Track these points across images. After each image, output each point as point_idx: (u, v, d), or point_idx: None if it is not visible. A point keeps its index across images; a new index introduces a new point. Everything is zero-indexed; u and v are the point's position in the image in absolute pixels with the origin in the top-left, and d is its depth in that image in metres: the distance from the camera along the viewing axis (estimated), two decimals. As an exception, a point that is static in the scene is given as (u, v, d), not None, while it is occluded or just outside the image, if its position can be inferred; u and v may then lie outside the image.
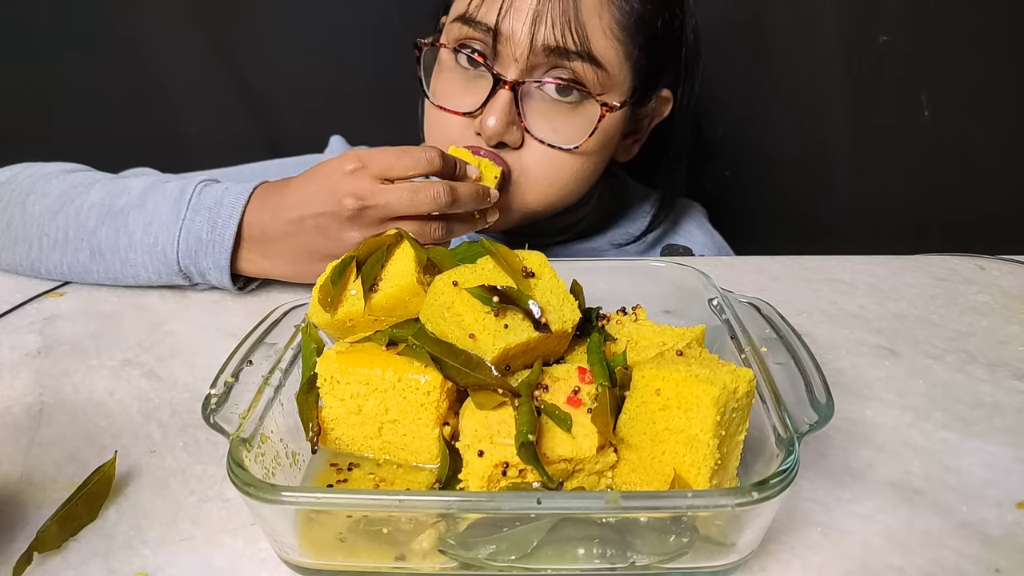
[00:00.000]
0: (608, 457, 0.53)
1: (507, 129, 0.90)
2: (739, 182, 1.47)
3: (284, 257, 0.85)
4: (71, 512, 0.54)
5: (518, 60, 0.89)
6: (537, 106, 0.92)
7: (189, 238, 0.85)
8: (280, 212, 0.83)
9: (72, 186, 0.91)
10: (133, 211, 0.87)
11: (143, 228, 0.86)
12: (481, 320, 0.55)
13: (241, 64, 1.47)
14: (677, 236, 1.17)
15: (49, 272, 0.91)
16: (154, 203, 0.87)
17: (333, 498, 0.46)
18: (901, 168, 1.51)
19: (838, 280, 0.96)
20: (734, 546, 0.48)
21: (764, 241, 1.27)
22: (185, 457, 0.62)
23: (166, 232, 0.85)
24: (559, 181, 0.95)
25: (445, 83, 0.96)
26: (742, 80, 1.45)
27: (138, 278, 0.89)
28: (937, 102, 1.46)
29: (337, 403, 0.57)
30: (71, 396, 0.71)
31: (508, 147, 0.92)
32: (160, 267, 0.87)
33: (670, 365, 0.52)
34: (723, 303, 0.69)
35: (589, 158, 0.96)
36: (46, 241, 0.90)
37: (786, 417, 0.51)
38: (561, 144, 0.92)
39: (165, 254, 0.86)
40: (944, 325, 0.84)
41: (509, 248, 0.61)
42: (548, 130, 0.92)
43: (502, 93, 0.89)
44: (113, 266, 0.88)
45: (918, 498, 0.58)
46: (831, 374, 0.72)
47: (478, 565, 0.47)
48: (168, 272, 0.87)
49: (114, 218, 0.87)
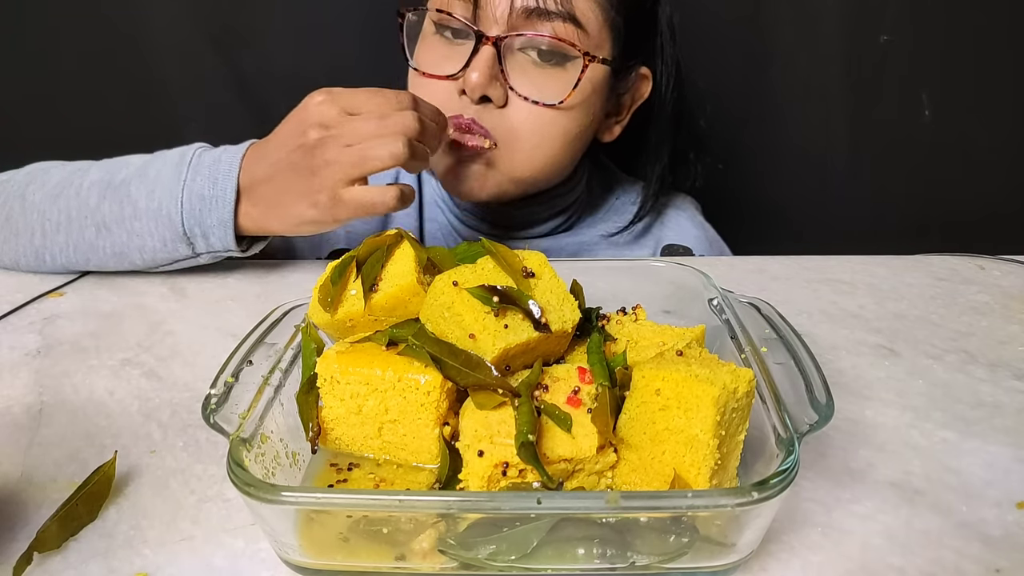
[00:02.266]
0: (608, 457, 0.53)
1: (490, 83, 0.91)
2: (738, 180, 1.47)
3: (269, 201, 0.85)
4: (71, 512, 0.54)
5: (499, 22, 0.91)
6: (520, 65, 0.93)
7: (192, 197, 0.86)
8: (263, 157, 0.85)
9: (71, 171, 0.93)
10: (135, 181, 0.88)
11: (147, 196, 0.87)
12: (481, 320, 0.55)
13: (239, 60, 1.47)
14: (667, 229, 1.17)
15: (55, 258, 0.92)
16: (155, 170, 0.88)
17: (333, 498, 0.46)
18: (901, 167, 1.51)
19: (838, 280, 0.96)
20: (734, 546, 0.48)
21: (764, 240, 1.26)
22: (185, 457, 0.62)
23: (169, 195, 0.86)
24: (546, 141, 0.96)
25: (428, 50, 0.98)
26: (741, 78, 1.45)
27: (144, 248, 0.89)
28: (938, 101, 1.46)
29: (337, 403, 0.57)
30: (71, 396, 0.71)
31: (492, 106, 0.93)
32: (165, 232, 0.87)
33: (670, 365, 0.52)
34: (723, 303, 0.69)
35: (574, 117, 0.97)
36: (48, 226, 0.91)
37: (786, 417, 0.51)
38: (545, 100, 0.93)
39: (170, 217, 0.86)
40: (944, 325, 0.84)
41: (508, 248, 0.61)
42: (531, 87, 0.93)
43: (484, 49, 0.91)
44: (120, 238, 0.89)
45: (918, 498, 0.58)
46: (831, 374, 0.73)
47: (478, 565, 0.47)
48: (173, 237, 0.88)
49: (116, 191, 0.89)
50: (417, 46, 1.00)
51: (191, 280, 0.95)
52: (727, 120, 1.39)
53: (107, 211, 0.88)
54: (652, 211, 1.16)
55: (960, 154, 1.49)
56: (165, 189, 0.87)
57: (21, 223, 0.92)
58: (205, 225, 0.87)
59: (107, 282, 0.94)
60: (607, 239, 1.14)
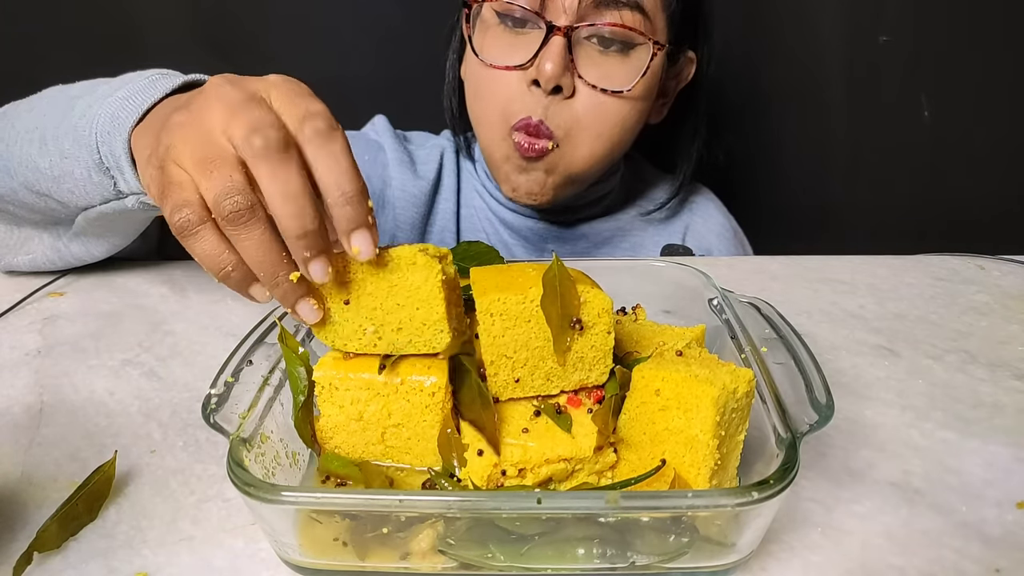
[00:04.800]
0: (608, 457, 0.53)
1: (563, 73, 0.92)
2: (737, 180, 1.47)
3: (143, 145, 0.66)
4: (71, 512, 0.54)
5: (567, 11, 0.91)
6: (588, 54, 0.94)
7: (110, 111, 0.70)
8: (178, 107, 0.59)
9: (36, 97, 0.83)
10: (86, 94, 0.75)
11: (82, 110, 0.73)
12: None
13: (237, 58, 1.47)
14: (695, 215, 1.19)
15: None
16: (108, 86, 0.73)
17: (333, 498, 0.46)
18: (901, 168, 1.51)
19: (838, 280, 0.96)
20: (734, 546, 0.48)
21: (763, 240, 1.27)
22: (185, 457, 0.62)
23: (97, 108, 0.71)
24: (607, 130, 0.97)
25: (492, 41, 0.97)
26: (738, 79, 1.45)
27: (73, 176, 0.73)
28: (937, 102, 1.46)
29: (336, 411, 0.55)
30: (71, 396, 0.71)
31: (560, 97, 0.94)
32: (87, 157, 0.71)
33: (670, 365, 0.52)
34: (723, 303, 0.69)
35: (635, 106, 0.98)
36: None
37: (786, 417, 0.51)
38: (613, 87, 0.94)
39: (90, 134, 0.71)
40: (944, 325, 0.84)
41: (581, 276, 0.56)
42: (600, 75, 0.94)
43: (556, 39, 0.91)
44: (54, 159, 0.74)
45: (918, 498, 0.58)
46: (831, 374, 0.73)
47: (478, 565, 0.47)
48: (91, 164, 0.72)
49: (67, 100, 0.76)
50: (477, 37, 1.00)
51: (191, 280, 0.95)
52: (725, 121, 1.39)
53: (48, 123, 0.75)
54: (680, 197, 1.18)
55: (960, 154, 1.49)
56: (98, 102, 0.71)
57: None
58: (117, 153, 0.69)
59: (107, 282, 0.94)
60: (643, 217, 1.16)
